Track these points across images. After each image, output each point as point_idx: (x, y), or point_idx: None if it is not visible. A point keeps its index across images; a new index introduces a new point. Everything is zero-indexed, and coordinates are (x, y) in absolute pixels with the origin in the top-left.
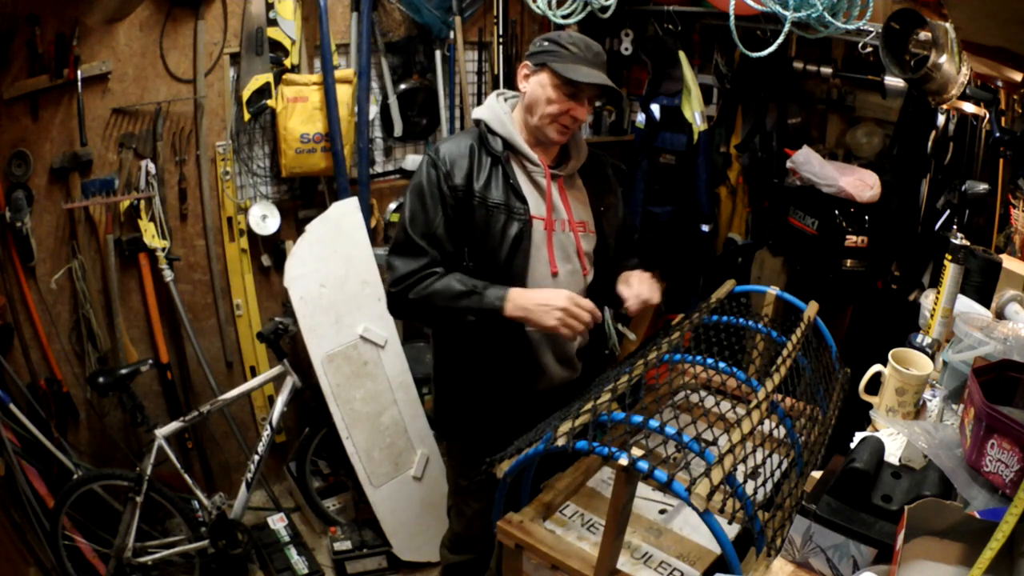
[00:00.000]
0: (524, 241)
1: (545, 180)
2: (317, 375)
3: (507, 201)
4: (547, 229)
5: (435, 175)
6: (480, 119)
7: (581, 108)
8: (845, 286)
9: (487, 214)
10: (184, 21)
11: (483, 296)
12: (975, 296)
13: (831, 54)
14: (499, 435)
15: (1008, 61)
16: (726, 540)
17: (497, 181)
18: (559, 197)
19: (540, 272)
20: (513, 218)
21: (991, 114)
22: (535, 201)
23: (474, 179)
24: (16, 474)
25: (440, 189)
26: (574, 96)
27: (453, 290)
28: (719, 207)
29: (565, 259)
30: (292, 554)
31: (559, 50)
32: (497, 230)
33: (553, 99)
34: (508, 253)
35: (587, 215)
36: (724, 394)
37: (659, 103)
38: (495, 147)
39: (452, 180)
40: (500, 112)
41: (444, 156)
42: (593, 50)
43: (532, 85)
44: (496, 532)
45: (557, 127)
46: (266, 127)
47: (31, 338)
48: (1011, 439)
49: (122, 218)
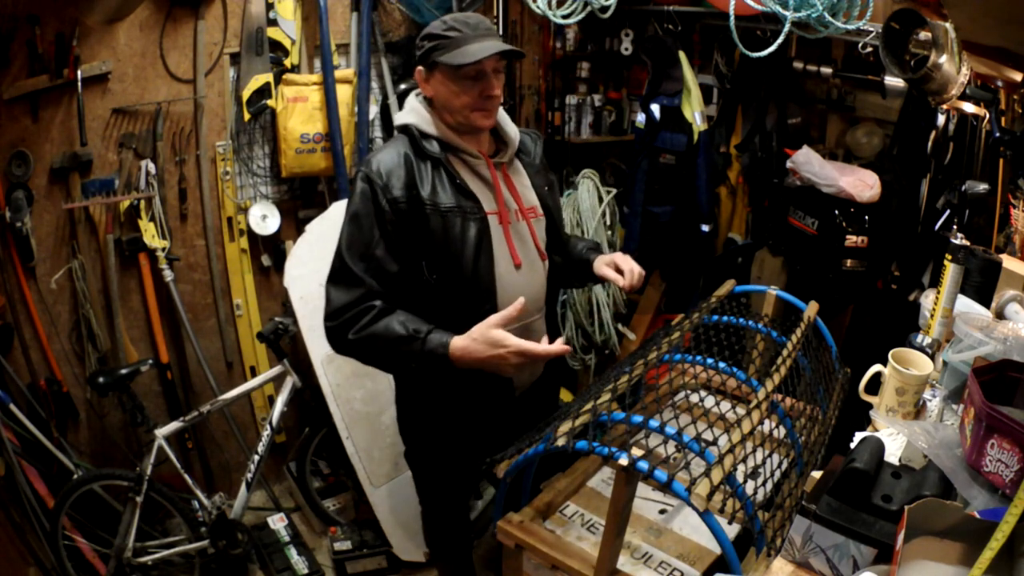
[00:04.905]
0: (484, 240)
1: (489, 171)
2: (317, 375)
3: (458, 203)
4: (502, 222)
5: (370, 191)
6: (408, 124)
7: (490, 83)
8: (845, 286)
9: (442, 220)
10: (184, 21)
11: (425, 342)
12: (975, 296)
13: (831, 54)
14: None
15: (1008, 61)
16: (726, 540)
17: (443, 184)
18: (506, 187)
19: (503, 267)
20: (469, 219)
21: (991, 114)
22: (485, 196)
23: (419, 187)
24: (16, 474)
25: (377, 205)
26: (478, 76)
27: (394, 333)
28: (719, 207)
29: (524, 249)
30: (292, 554)
31: (440, 41)
32: (456, 235)
33: (459, 91)
34: (472, 256)
35: (534, 198)
36: (724, 394)
37: (659, 103)
38: (432, 150)
39: (391, 193)
40: (424, 112)
41: (378, 169)
42: (471, 23)
43: (434, 87)
44: (496, 532)
45: (480, 113)
46: (266, 127)
47: (31, 338)
48: (1011, 439)
49: (122, 218)
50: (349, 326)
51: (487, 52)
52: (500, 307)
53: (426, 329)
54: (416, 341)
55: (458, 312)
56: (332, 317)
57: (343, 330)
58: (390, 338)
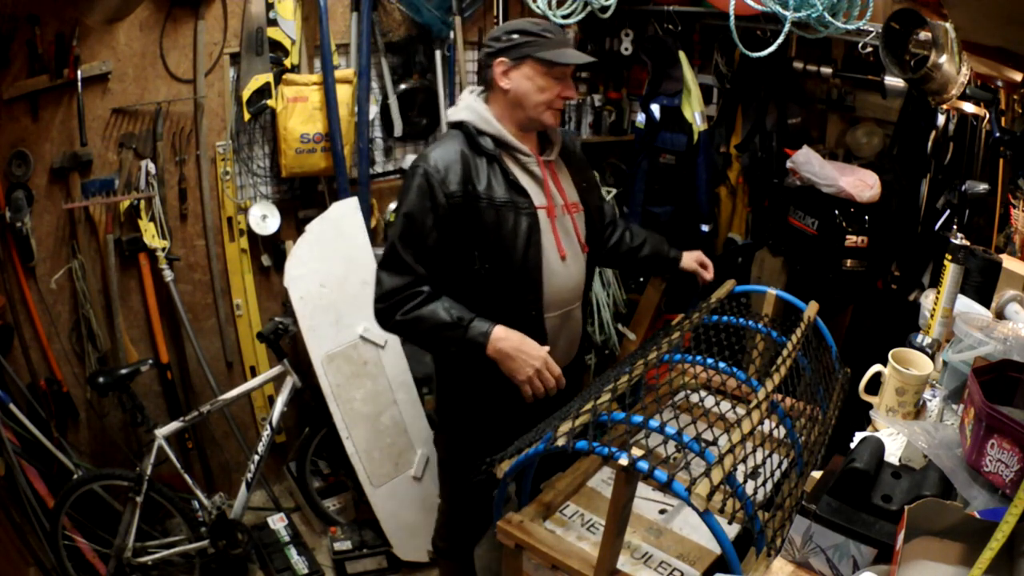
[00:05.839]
0: (534, 234)
1: (539, 169)
2: (317, 375)
3: (511, 198)
4: (550, 216)
5: (427, 185)
6: (464, 120)
7: (570, 88)
8: (845, 286)
9: (496, 213)
10: (184, 21)
11: (467, 330)
12: (975, 296)
13: (831, 54)
14: (501, 429)
15: (1008, 61)
16: (726, 540)
17: (497, 179)
18: (553, 183)
19: (550, 258)
20: (521, 213)
21: (991, 114)
22: (535, 192)
23: (475, 182)
24: (16, 474)
25: (433, 199)
26: (561, 78)
27: (438, 319)
28: (719, 207)
29: (569, 242)
30: (292, 554)
31: (535, 39)
32: (508, 228)
33: (544, 87)
34: (523, 248)
35: (575, 194)
36: (724, 394)
37: (659, 103)
38: (487, 146)
39: (448, 187)
40: (481, 110)
41: (435, 164)
42: (559, 31)
43: (516, 79)
44: (496, 532)
45: (551, 112)
46: (266, 127)
47: (31, 338)
48: (1011, 439)
49: (122, 218)
50: (397, 308)
51: (581, 59)
52: (545, 296)
53: (469, 317)
54: (459, 328)
55: (504, 299)
56: (382, 299)
57: (392, 312)
58: (435, 323)
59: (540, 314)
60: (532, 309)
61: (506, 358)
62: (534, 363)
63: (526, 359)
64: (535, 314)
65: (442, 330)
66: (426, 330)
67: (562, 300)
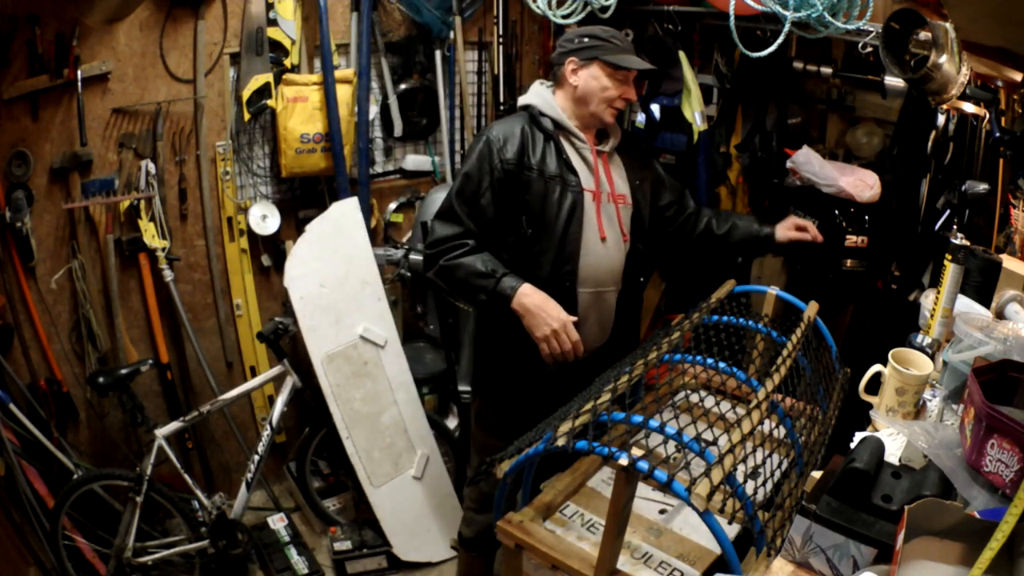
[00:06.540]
0: (577, 210)
1: (592, 156)
2: (317, 375)
3: (561, 173)
4: (595, 200)
5: (487, 151)
6: (529, 103)
7: (631, 90)
8: (845, 286)
9: (544, 185)
10: (184, 21)
11: (499, 282)
12: (975, 296)
13: (831, 54)
14: (534, 396)
15: (1008, 61)
16: (726, 540)
17: (551, 155)
18: (603, 171)
19: (590, 237)
20: (567, 189)
21: (991, 114)
22: (584, 174)
23: (529, 154)
24: (16, 474)
25: (491, 163)
26: (624, 81)
27: (475, 268)
28: (719, 207)
29: (611, 227)
30: (292, 554)
31: (603, 43)
32: (554, 200)
33: (609, 87)
34: (565, 221)
35: (626, 188)
36: (724, 394)
37: (659, 103)
38: (546, 126)
39: (504, 154)
40: (547, 97)
41: (497, 134)
42: (627, 39)
43: (583, 78)
44: (496, 532)
45: (612, 111)
46: (266, 127)
47: (31, 338)
48: (1011, 439)
49: (122, 218)
50: (443, 255)
51: (643, 66)
52: (580, 270)
53: (503, 272)
54: (491, 279)
55: (543, 266)
56: (432, 246)
57: (437, 257)
58: (471, 271)
59: (574, 286)
60: (567, 280)
61: (527, 313)
62: (552, 323)
63: (545, 317)
64: (569, 285)
65: (476, 278)
66: (462, 277)
67: (597, 279)
